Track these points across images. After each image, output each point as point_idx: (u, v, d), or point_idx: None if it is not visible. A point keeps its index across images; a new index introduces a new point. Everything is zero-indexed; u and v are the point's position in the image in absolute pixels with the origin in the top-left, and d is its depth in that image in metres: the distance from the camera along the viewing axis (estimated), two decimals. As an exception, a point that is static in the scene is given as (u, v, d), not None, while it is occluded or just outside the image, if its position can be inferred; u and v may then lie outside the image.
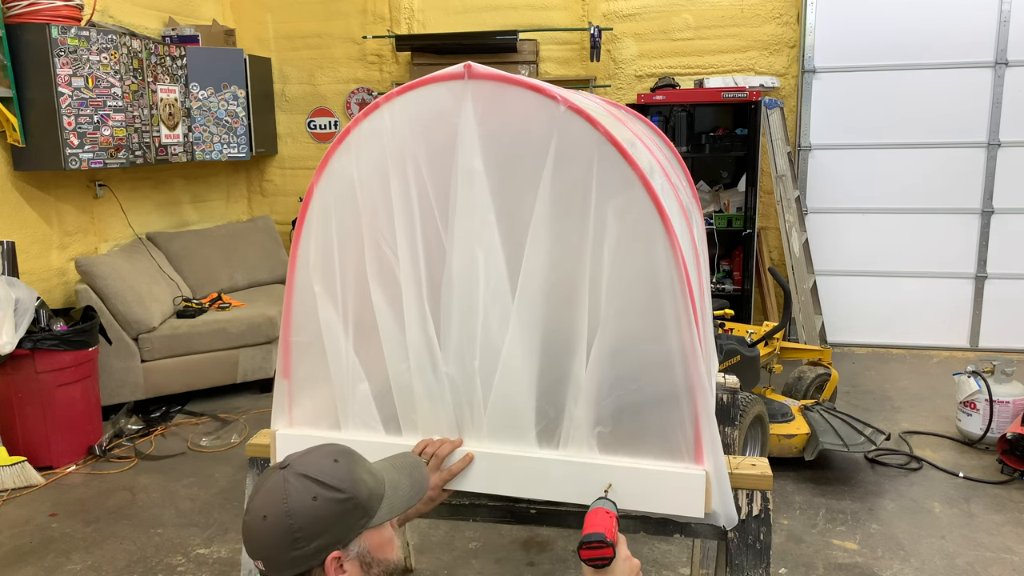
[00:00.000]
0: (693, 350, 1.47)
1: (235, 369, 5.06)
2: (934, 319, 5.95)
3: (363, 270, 1.69)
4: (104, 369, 4.59)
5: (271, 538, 1.19)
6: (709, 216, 5.99)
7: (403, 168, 1.63)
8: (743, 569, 1.60)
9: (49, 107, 4.38)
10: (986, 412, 4.05)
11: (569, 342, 1.56)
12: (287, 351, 1.79)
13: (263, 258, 6.14)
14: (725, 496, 1.53)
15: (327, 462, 1.24)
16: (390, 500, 1.29)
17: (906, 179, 5.85)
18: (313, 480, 1.21)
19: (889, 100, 5.78)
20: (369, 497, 1.25)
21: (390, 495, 1.29)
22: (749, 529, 1.60)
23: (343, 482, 1.22)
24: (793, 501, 3.62)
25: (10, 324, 3.85)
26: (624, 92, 6.20)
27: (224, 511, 3.64)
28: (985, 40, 5.59)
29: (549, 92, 1.51)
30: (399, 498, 1.31)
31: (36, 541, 3.40)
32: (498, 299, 1.59)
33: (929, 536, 3.31)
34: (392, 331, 1.67)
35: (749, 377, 3.80)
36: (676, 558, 3.16)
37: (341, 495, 1.21)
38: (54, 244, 4.84)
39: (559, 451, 1.60)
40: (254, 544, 1.22)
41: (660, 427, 1.52)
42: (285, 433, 1.79)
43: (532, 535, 3.32)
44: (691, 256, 1.66)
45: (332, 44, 6.59)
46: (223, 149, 5.78)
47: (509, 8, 6.26)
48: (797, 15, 5.88)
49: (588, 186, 1.51)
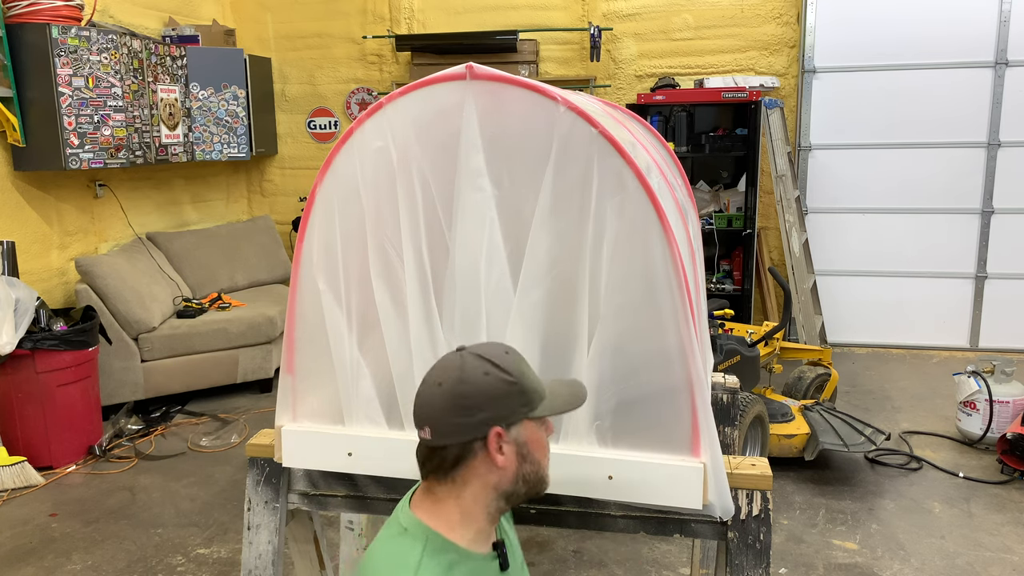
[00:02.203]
0: (690, 345, 1.50)
1: (235, 369, 5.07)
2: (934, 319, 5.96)
3: (366, 268, 1.71)
4: (104, 369, 4.59)
5: (442, 404, 1.30)
6: (709, 216, 6.00)
7: (406, 167, 1.65)
8: (743, 569, 1.60)
9: (49, 107, 4.38)
10: (986, 412, 4.05)
11: (569, 338, 1.59)
12: (291, 347, 1.80)
13: (263, 258, 6.14)
14: (721, 488, 1.56)
15: (500, 351, 1.34)
16: (550, 400, 1.36)
17: (906, 179, 5.86)
18: (487, 360, 1.31)
19: (889, 100, 5.78)
20: (533, 388, 1.33)
21: (550, 397, 1.37)
22: (749, 529, 1.61)
23: (512, 367, 1.32)
24: (793, 501, 3.62)
25: (10, 324, 3.85)
26: (624, 92, 6.20)
27: (224, 511, 3.64)
28: (985, 40, 5.59)
29: (549, 92, 1.53)
30: (558, 401, 1.37)
31: (36, 541, 3.40)
32: (500, 296, 1.61)
33: (929, 536, 3.31)
34: (395, 327, 1.69)
35: (749, 377, 3.81)
36: (676, 558, 3.16)
37: (510, 377, 1.31)
38: (54, 244, 4.84)
39: (559, 445, 1.62)
40: (425, 410, 1.32)
41: (658, 420, 1.55)
42: (290, 429, 1.80)
43: (532, 535, 3.32)
44: (687, 254, 1.67)
45: (332, 44, 6.59)
46: (223, 149, 5.79)
47: (509, 8, 6.26)
48: (797, 15, 5.88)
49: (587, 185, 1.53)
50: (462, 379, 1.30)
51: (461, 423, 1.29)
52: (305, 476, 1.85)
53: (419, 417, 1.32)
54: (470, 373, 1.30)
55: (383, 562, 1.29)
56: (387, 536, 1.34)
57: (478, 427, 1.29)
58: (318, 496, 1.85)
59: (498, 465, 1.31)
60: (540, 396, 1.34)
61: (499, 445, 1.30)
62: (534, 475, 1.35)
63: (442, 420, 1.30)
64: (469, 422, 1.29)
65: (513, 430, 1.31)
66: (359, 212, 1.70)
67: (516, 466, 1.32)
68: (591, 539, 3.29)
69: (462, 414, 1.29)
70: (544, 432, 1.38)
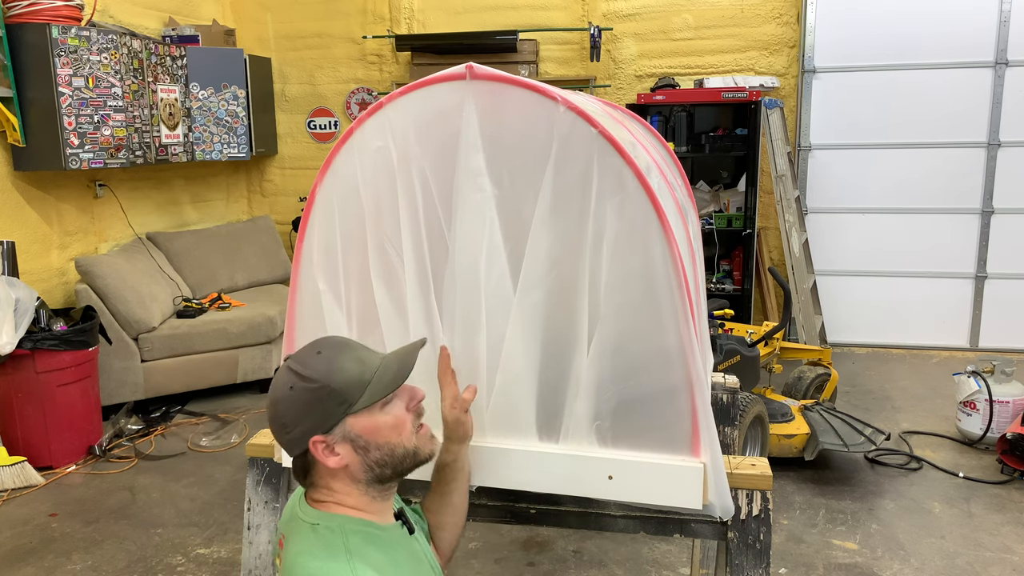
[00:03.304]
0: (690, 345, 1.50)
1: (235, 369, 5.07)
2: (934, 319, 5.96)
3: (366, 268, 1.71)
4: (104, 369, 4.59)
5: (271, 425, 1.34)
6: (709, 216, 5.99)
7: (406, 167, 1.65)
8: (743, 569, 1.60)
9: (49, 107, 4.38)
10: (986, 412, 4.06)
11: (569, 338, 1.59)
12: (291, 347, 1.80)
13: (263, 258, 6.14)
14: (721, 488, 1.56)
15: (311, 354, 1.33)
16: (376, 385, 1.32)
17: (906, 179, 5.86)
18: (293, 372, 1.31)
19: (889, 100, 5.78)
20: (346, 385, 1.30)
21: (377, 379, 1.33)
22: (749, 529, 1.61)
23: (317, 372, 1.29)
24: (793, 501, 3.62)
25: (10, 324, 3.85)
26: (624, 92, 6.20)
27: (224, 511, 3.64)
28: (985, 40, 5.59)
29: (549, 93, 1.53)
30: (385, 379, 1.33)
31: (36, 541, 3.40)
32: (500, 296, 1.61)
33: (929, 536, 3.31)
34: (395, 327, 1.69)
35: (749, 377, 3.81)
36: (676, 558, 3.16)
37: (314, 384, 1.29)
38: (54, 244, 4.85)
39: (559, 445, 1.62)
40: None
41: (658, 420, 1.55)
42: None
43: (532, 535, 3.32)
44: (687, 254, 1.67)
45: (332, 44, 6.59)
46: (223, 149, 5.79)
47: (509, 8, 6.26)
48: (797, 15, 5.88)
49: (588, 185, 1.53)
50: (274, 399, 1.31)
51: (287, 440, 1.32)
52: (305, 476, 1.85)
53: None
54: (278, 391, 1.31)
55: (311, 558, 1.27)
56: (301, 537, 1.32)
57: (300, 441, 1.30)
58: (318, 496, 1.85)
59: (334, 467, 1.31)
60: (359, 387, 1.31)
61: (326, 450, 1.30)
62: (391, 456, 1.34)
63: (277, 439, 1.34)
64: (292, 438, 1.31)
65: (336, 431, 1.30)
66: (359, 212, 1.71)
67: (359, 459, 1.32)
68: (591, 539, 3.29)
69: (283, 432, 1.31)
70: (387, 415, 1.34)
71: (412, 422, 1.38)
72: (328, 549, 1.29)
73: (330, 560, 1.27)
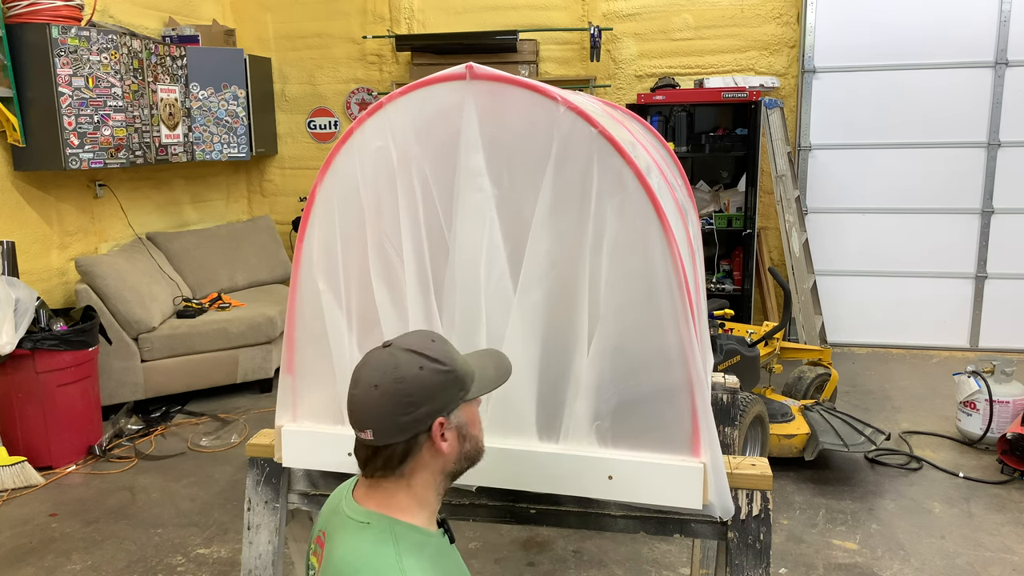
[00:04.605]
0: (690, 345, 1.50)
1: (235, 369, 5.07)
2: (934, 319, 5.95)
3: (366, 268, 1.71)
4: (104, 369, 4.59)
5: (383, 405, 1.30)
6: (709, 216, 5.99)
7: (406, 167, 1.65)
8: (743, 569, 1.60)
9: (49, 107, 4.38)
10: (986, 412, 4.05)
11: (569, 338, 1.59)
12: (291, 347, 1.80)
13: (263, 258, 6.14)
14: (721, 488, 1.56)
15: (427, 340, 1.36)
16: (479, 380, 1.39)
17: (906, 179, 5.86)
18: (419, 354, 1.33)
19: (889, 100, 5.78)
20: (465, 372, 1.36)
21: (479, 375, 1.39)
22: (749, 529, 1.61)
23: (444, 356, 1.34)
24: (793, 501, 3.62)
25: (10, 324, 3.85)
26: (624, 92, 6.20)
27: (224, 511, 3.64)
28: (985, 40, 5.59)
29: (549, 92, 1.53)
30: (487, 379, 1.40)
31: (36, 541, 3.40)
32: (500, 296, 1.61)
33: (929, 536, 3.31)
34: (395, 327, 1.69)
35: (749, 377, 3.80)
36: (676, 558, 3.16)
37: (444, 367, 1.33)
38: (54, 244, 4.84)
39: (559, 445, 1.62)
40: (364, 413, 1.32)
41: (658, 420, 1.56)
42: (291, 429, 1.80)
43: (532, 535, 3.32)
44: (687, 254, 1.67)
45: (332, 44, 6.59)
46: (223, 149, 5.79)
47: (509, 8, 6.26)
48: (797, 15, 5.88)
49: (587, 185, 1.53)
50: (399, 377, 1.31)
51: (405, 421, 1.31)
52: (305, 476, 1.85)
53: (359, 420, 1.33)
54: (405, 370, 1.31)
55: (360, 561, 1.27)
56: (350, 535, 1.33)
57: (422, 421, 1.31)
58: (318, 496, 1.85)
59: (443, 452, 1.34)
60: (471, 377, 1.37)
61: (442, 433, 1.34)
62: (474, 450, 1.40)
63: (384, 420, 1.31)
64: (413, 418, 1.31)
65: (453, 416, 1.35)
66: (359, 212, 1.70)
67: (458, 448, 1.37)
68: (591, 539, 3.29)
69: (404, 412, 1.30)
70: (475, 408, 1.42)
71: None
72: (378, 548, 1.29)
73: (379, 559, 1.27)
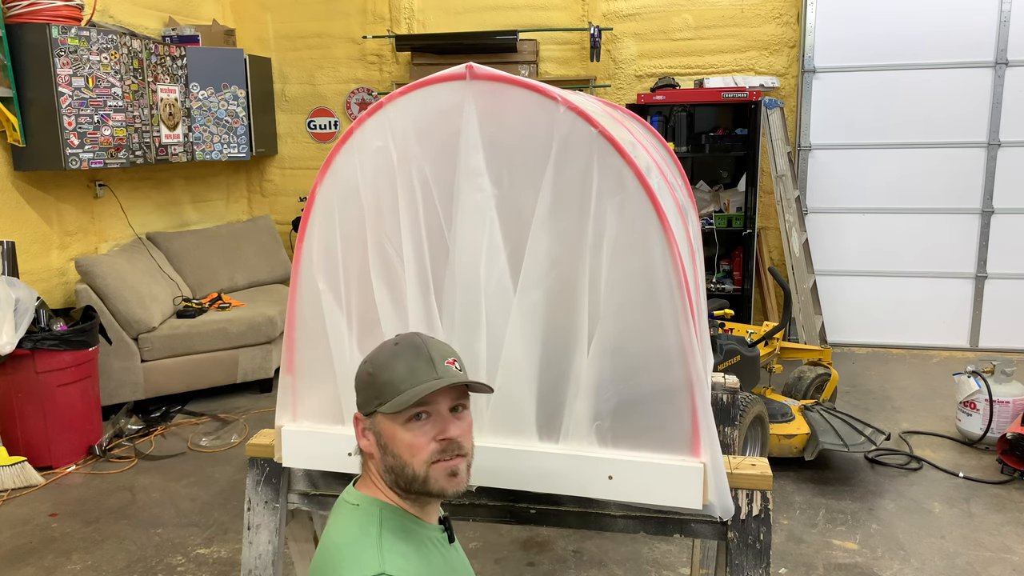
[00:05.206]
0: (690, 345, 1.50)
1: (235, 369, 5.07)
2: (934, 319, 5.95)
3: (366, 268, 1.71)
4: (104, 369, 4.59)
5: None
6: (709, 216, 5.99)
7: (406, 167, 1.65)
8: (743, 569, 1.60)
9: (49, 107, 4.38)
10: (986, 412, 4.05)
11: (569, 338, 1.59)
12: (291, 347, 1.80)
13: (263, 258, 6.14)
14: (721, 488, 1.56)
15: (391, 343, 1.41)
16: (399, 400, 1.32)
17: (906, 179, 5.86)
18: (377, 349, 1.41)
19: (889, 100, 5.78)
20: (385, 385, 1.35)
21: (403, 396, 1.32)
22: (749, 529, 1.61)
23: (377, 361, 1.38)
24: (793, 501, 3.62)
25: (10, 324, 3.85)
26: (624, 92, 6.20)
27: (224, 511, 3.64)
28: (985, 40, 5.59)
29: (549, 92, 1.53)
30: (399, 401, 1.32)
31: (36, 541, 3.40)
32: (500, 296, 1.61)
33: (929, 536, 3.31)
34: (395, 327, 1.69)
35: (749, 377, 3.80)
36: (676, 558, 3.16)
37: (369, 370, 1.38)
38: (54, 244, 4.84)
39: (559, 445, 1.62)
40: None
41: (658, 420, 1.56)
42: (290, 429, 1.80)
43: (532, 535, 3.32)
44: (687, 254, 1.67)
45: (332, 44, 6.59)
46: (223, 149, 5.78)
47: (509, 8, 6.26)
48: (797, 15, 5.88)
49: (587, 185, 1.53)
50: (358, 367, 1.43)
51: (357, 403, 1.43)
52: (305, 476, 1.85)
53: None
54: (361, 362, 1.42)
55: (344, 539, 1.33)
56: (342, 516, 1.40)
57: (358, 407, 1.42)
58: (318, 496, 1.85)
59: (365, 449, 1.41)
60: (392, 393, 1.32)
61: (362, 429, 1.40)
62: (400, 470, 1.35)
63: None
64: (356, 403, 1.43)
65: (369, 420, 1.38)
66: (359, 212, 1.70)
67: (379, 454, 1.38)
68: (591, 539, 3.29)
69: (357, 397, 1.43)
70: (408, 432, 1.33)
71: (432, 451, 1.34)
72: (361, 528, 1.34)
73: (361, 537, 1.32)
